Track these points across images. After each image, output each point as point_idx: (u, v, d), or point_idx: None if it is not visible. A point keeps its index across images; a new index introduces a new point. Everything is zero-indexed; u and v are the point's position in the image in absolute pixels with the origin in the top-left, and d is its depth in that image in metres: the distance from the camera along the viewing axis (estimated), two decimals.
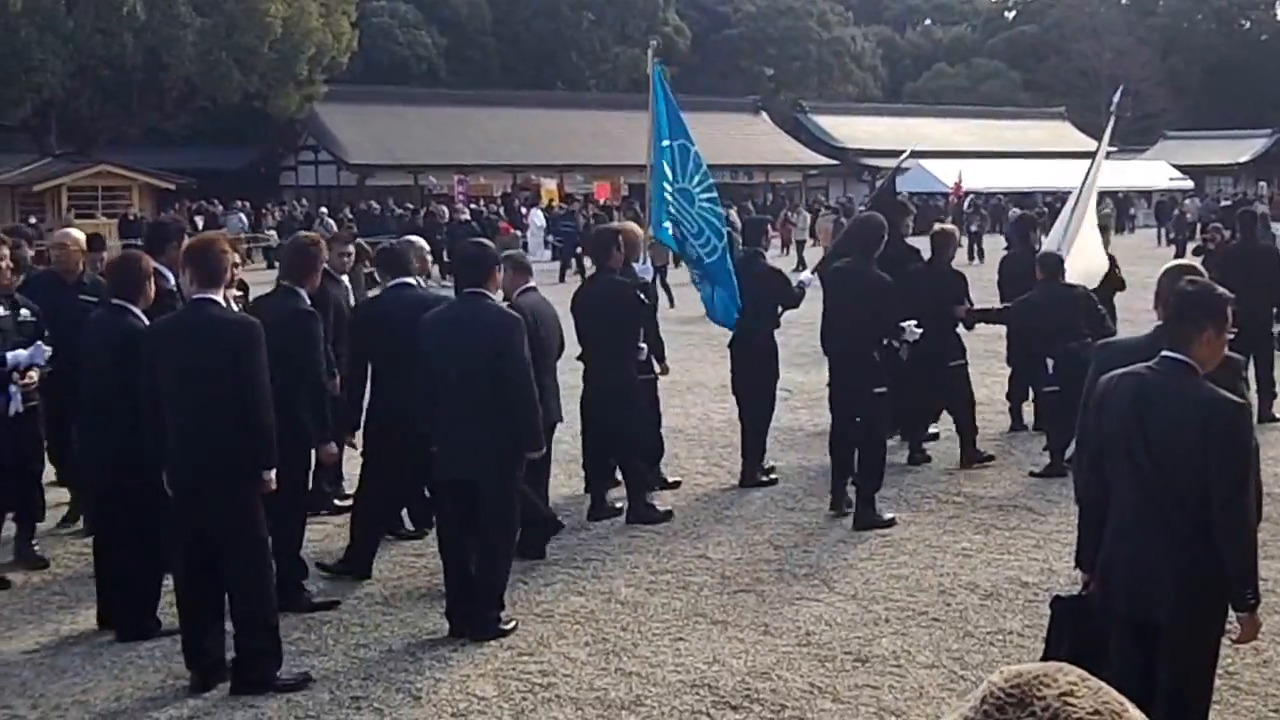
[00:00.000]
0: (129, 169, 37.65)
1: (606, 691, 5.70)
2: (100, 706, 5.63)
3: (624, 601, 6.90)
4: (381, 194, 41.64)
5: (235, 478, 5.73)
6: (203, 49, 37.94)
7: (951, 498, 9.00)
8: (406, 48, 53.11)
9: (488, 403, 6.33)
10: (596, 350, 8.57)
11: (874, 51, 73.82)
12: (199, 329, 5.74)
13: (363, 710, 5.56)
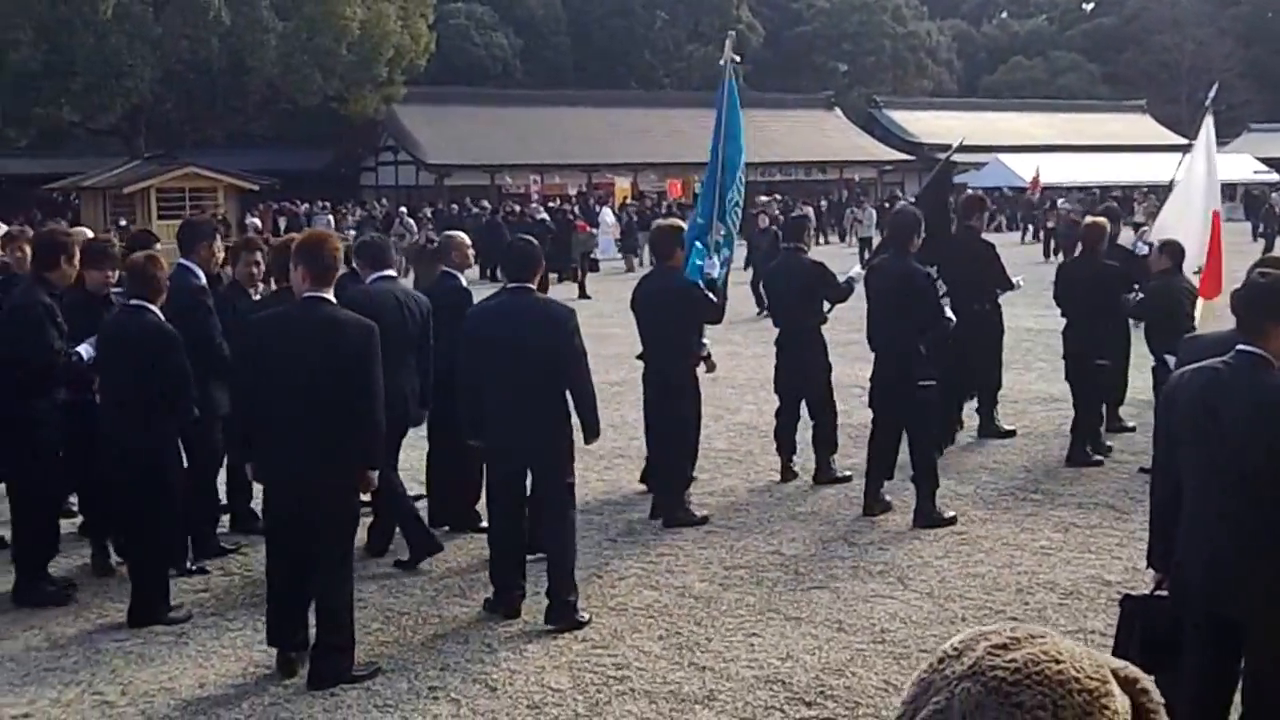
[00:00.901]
0: (214, 171, 38.30)
1: (680, 685, 5.72)
2: (185, 693, 5.75)
3: (698, 596, 6.92)
4: (459, 194, 42.02)
5: (340, 473, 5.85)
6: (284, 52, 38.54)
7: (1029, 495, 8.92)
8: (483, 48, 53.53)
9: (541, 388, 6.52)
10: (658, 346, 8.55)
11: (949, 45, 73.08)
12: (314, 326, 5.82)
13: (439, 700, 5.63)
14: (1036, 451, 10.28)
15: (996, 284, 10.76)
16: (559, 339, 6.56)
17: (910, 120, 57.93)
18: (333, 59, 39.14)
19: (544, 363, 6.52)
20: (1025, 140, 54.59)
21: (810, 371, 9.39)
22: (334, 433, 5.72)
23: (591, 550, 7.82)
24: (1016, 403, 12.04)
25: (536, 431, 6.56)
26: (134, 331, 6.68)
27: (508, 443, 6.61)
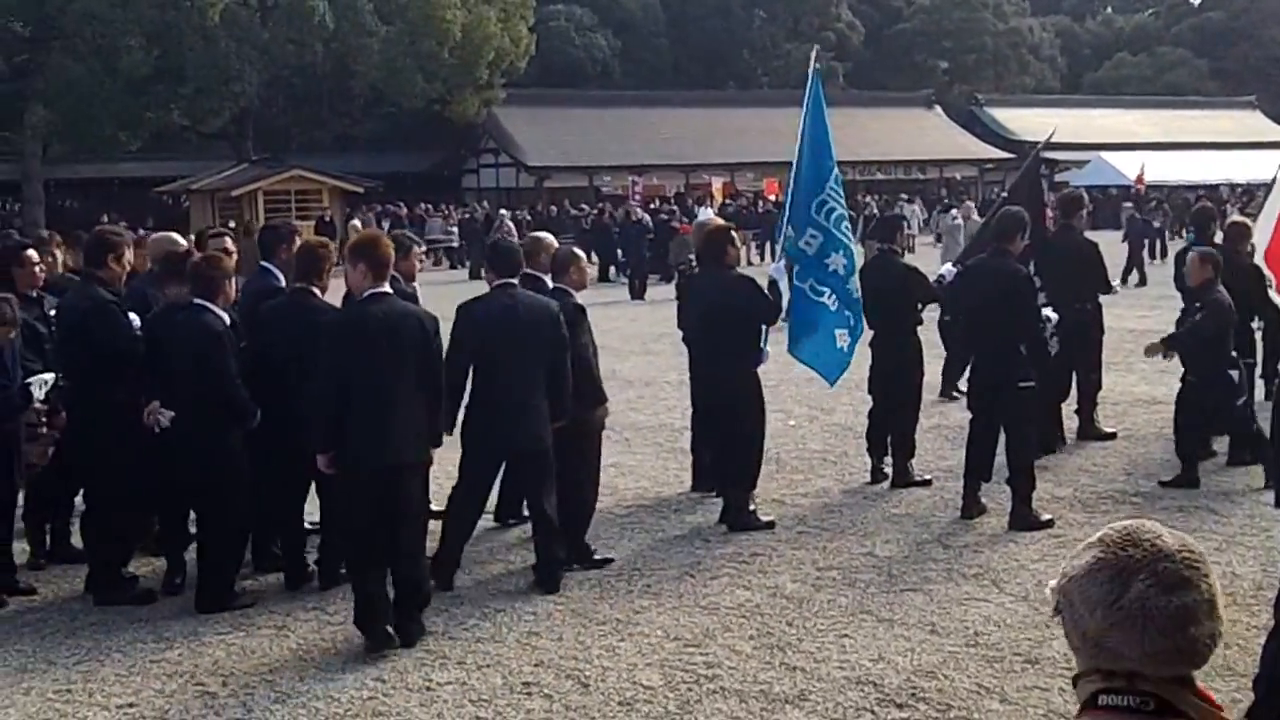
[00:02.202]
0: (319, 173, 39.09)
1: (771, 685, 5.73)
2: (285, 686, 5.88)
3: (789, 597, 6.92)
4: (558, 195, 42.32)
5: (421, 456, 6.43)
6: (388, 56, 39.15)
7: (1129, 498, 8.77)
8: (582, 50, 53.84)
9: (540, 379, 7.10)
10: (717, 347, 8.41)
11: (1052, 42, 71.86)
12: (393, 318, 6.30)
13: (533, 695, 5.70)
14: (1137, 454, 10.11)
15: (1096, 287, 10.59)
16: (553, 331, 7.12)
17: (1011, 118, 57.06)
18: (435, 62, 39.66)
19: (538, 353, 7.08)
20: (1129, 138, 53.52)
21: (902, 374, 9.32)
22: (419, 417, 6.35)
23: (684, 549, 7.87)
24: (1117, 405, 11.83)
25: (537, 418, 7.10)
26: (183, 331, 6.93)
27: (507, 430, 7.13)
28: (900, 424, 9.37)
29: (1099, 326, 10.71)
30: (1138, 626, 1.90)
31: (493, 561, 7.67)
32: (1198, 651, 1.90)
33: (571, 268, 7.82)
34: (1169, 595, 1.91)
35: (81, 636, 6.62)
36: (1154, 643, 1.90)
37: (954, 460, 9.53)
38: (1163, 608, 1.89)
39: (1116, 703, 1.94)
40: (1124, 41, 74.46)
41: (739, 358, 8.35)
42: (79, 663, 6.26)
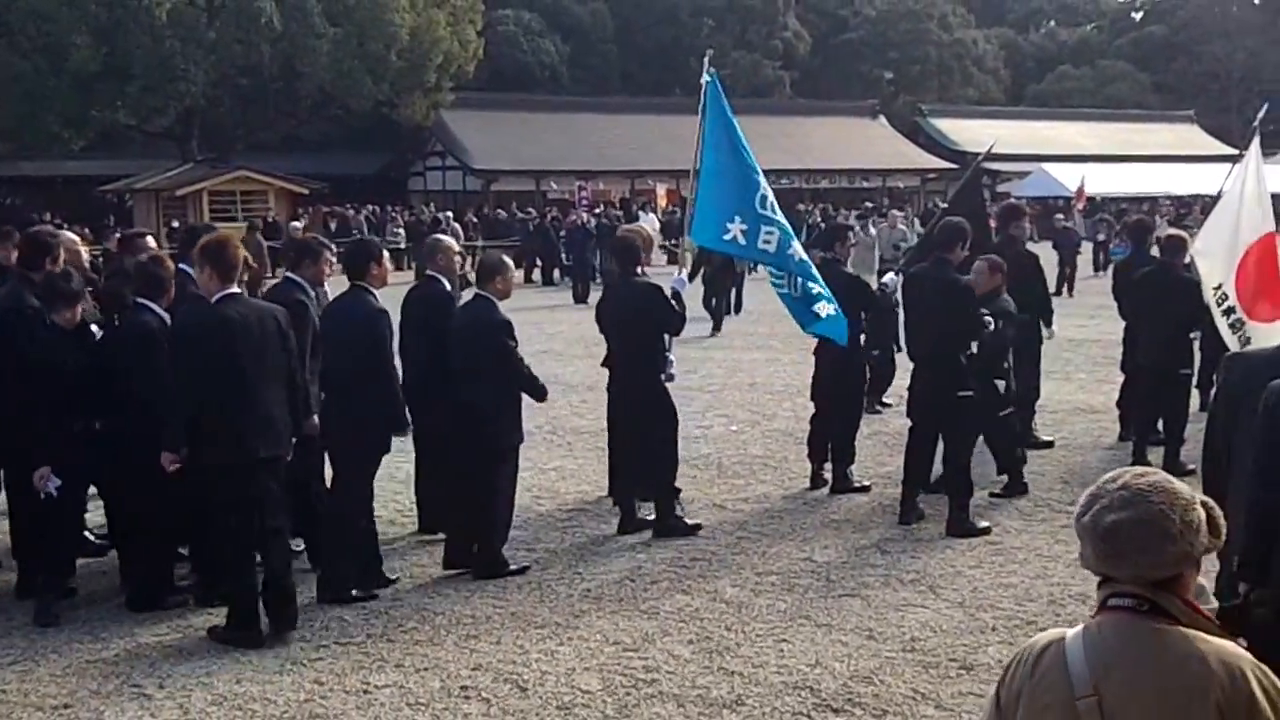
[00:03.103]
0: (266, 174, 38.93)
1: (709, 690, 5.76)
2: (222, 688, 5.85)
3: (729, 601, 6.97)
4: (505, 199, 42.31)
5: (284, 450, 6.68)
6: (335, 58, 39.02)
7: (1065, 507, 8.88)
8: (531, 55, 53.84)
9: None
10: (620, 355, 8.44)
11: (996, 54, 72.64)
12: (248, 318, 6.43)
13: (470, 699, 5.70)
14: (1074, 463, 10.26)
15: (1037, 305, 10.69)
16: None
17: (955, 129, 57.61)
18: (383, 65, 39.60)
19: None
20: (1071, 150, 54.15)
21: (843, 380, 9.40)
22: (281, 411, 6.59)
23: (624, 554, 7.90)
24: (1055, 413, 11.99)
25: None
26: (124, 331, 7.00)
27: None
28: (840, 430, 9.45)
29: (1038, 335, 10.84)
30: (1086, 539, 2.47)
31: (432, 565, 7.65)
32: (1147, 563, 2.41)
33: (497, 277, 7.69)
34: (1109, 514, 2.42)
35: (16, 636, 6.56)
36: (1096, 551, 2.44)
37: (893, 467, 9.63)
38: (1099, 523, 2.43)
39: (1119, 604, 2.45)
40: (1066, 54, 75.40)
41: (645, 366, 8.31)
42: (14, 663, 6.20)
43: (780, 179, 50.89)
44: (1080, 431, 11.45)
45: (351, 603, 6.93)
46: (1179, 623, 2.43)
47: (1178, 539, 2.41)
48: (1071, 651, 2.46)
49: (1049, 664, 2.48)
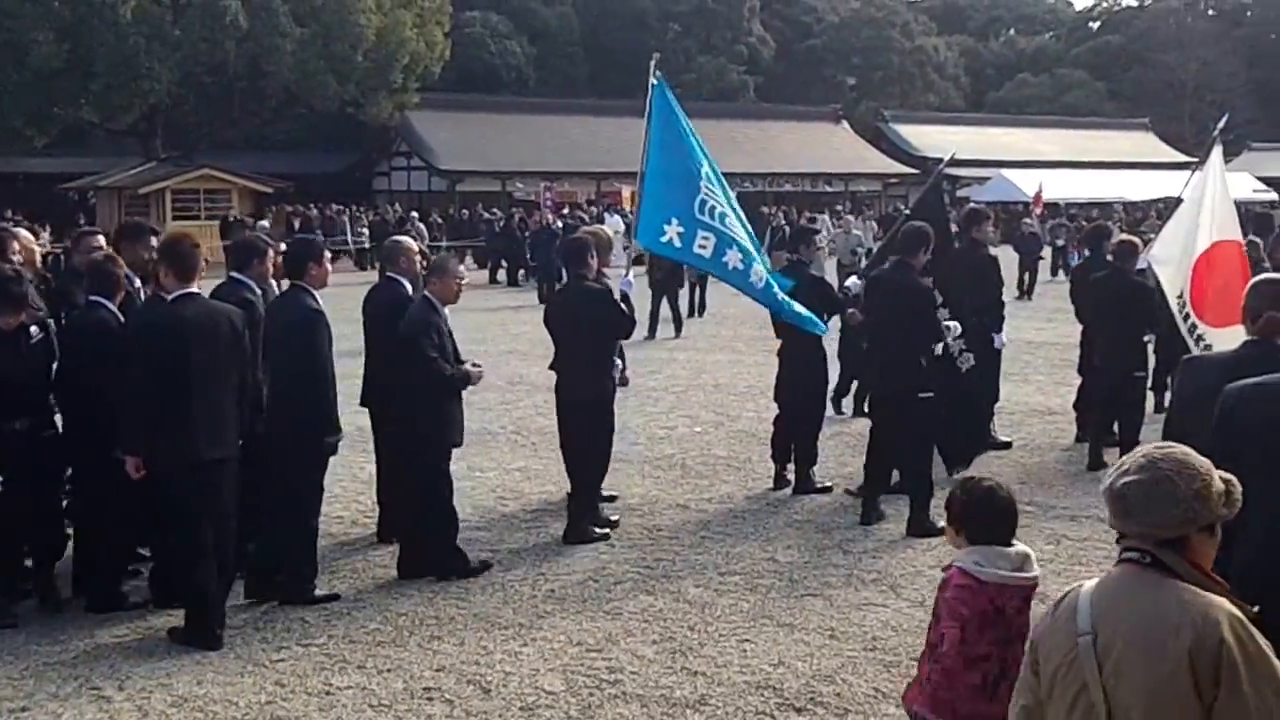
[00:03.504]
0: (229, 173, 38.76)
1: (672, 690, 5.78)
2: (182, 690, 5.82)
3: (692, 601, 6.98)
4: (471, 200, 42.27)
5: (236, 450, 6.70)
6: (301, 57, 38.93)
7: (1023, 507, 8.88)
8: (498, 57, 53.88)
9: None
10: (567, 359, 8.39)
11: (956, 61, 73.29)
12: (201, 318, 6.42)
13: (434, 701, 5.69)
14: (1032, 464, 10.37)
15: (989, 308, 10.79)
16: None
17: (916, 134, 57.99)
18: (348, 65, 39.55)
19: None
20: (1030, 156, 54.66)
21: (806, 382, 9.45)
22: (234, 411, 6.57)
23: (588, 554, 7.90)
24: (1014, 414, 12.11)
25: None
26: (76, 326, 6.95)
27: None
28: (803, 431, 9.50)
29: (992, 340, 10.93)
30: (1104, 499, 2.84)
31: (394, 566, 7.62)
32: (1150, 522, 2.76)
33: (434, 279, 7.56)
34: (1123, 478, 2.78)
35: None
36: (1111, 509, 2.81)
37: (855, 468, 9.68)
38: (1113, 486, 2.80)
39: (1127, 557, 2.82)
40: (1025, 62, 76.14)
41: (592, 370, 8.24)
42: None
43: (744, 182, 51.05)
44: (1038, 433, 11.56)
45: (314, 604, 6.90)
46: (1181, 579, 2.75)
47: (1181, 503, 2.73)
48: (1082, 597, 2.85)
49: (1064, 608, 2.88)
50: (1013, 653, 3.95)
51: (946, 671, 4.00)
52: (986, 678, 3.96)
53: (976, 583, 4.01)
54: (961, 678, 3.99)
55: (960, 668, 3.99)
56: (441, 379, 7.37)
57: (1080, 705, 2.79)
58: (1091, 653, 2.77)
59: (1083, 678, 2.78)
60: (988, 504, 4.20)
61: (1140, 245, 10.42)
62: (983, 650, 3.95)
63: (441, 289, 7.53)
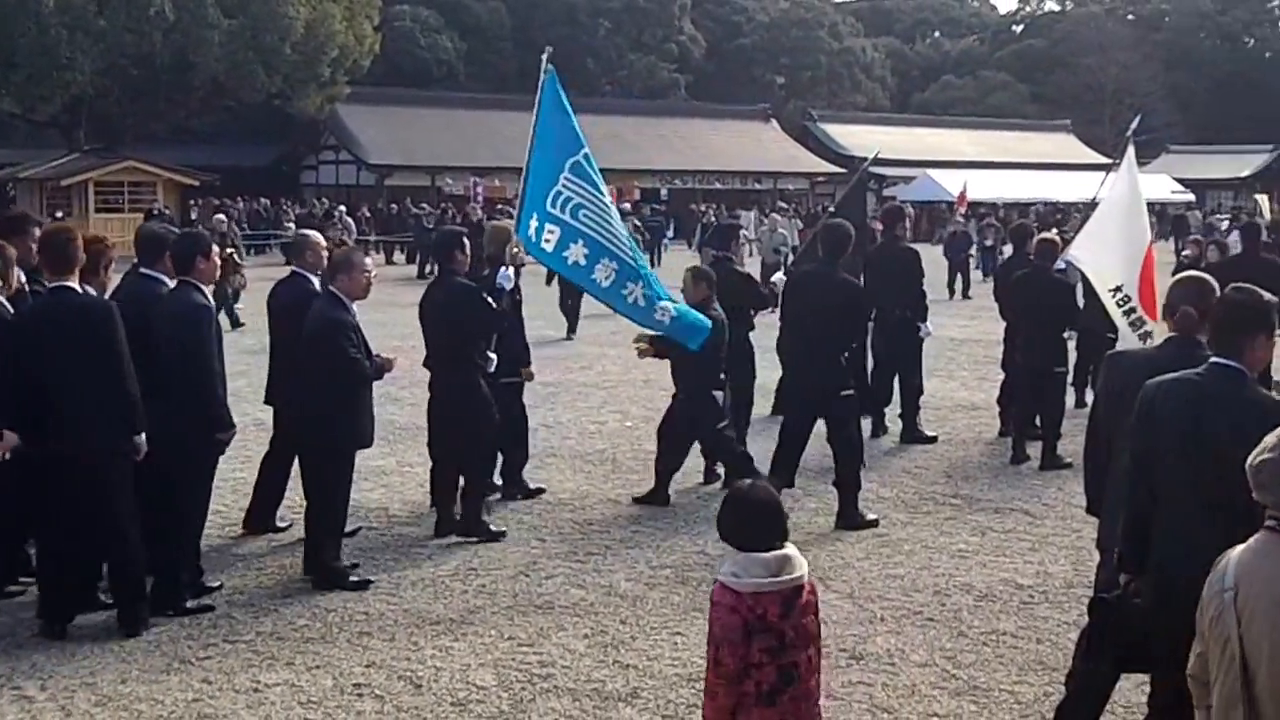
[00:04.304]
0: (155, 165, 38.18)
1: (604, 683, 5.80)
2: (107, 689, 5.74)
3: (623, 595, 7.01)
4: (399, 194, 41.98)
5: (101, 444, 6.39)
6: (229, 49, 38.50)
7: (949, 500, 9.11)
8: (427, 51, 53.58)
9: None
10: (438, 356, 8.22)
11: (883, 62, 74.12)
12: (60, 311, 6.28)
13: (364, 697, 5.65)
14: (957, 457, 10.52)
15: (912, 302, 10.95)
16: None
17: (844, 134, 58.59)
18: (277, 57, 39.15)
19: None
20: (954, 156, 55.48)
21: (734, 376, 9.49)
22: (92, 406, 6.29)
23: (519, 549, 7.90)
24: (939, 409, 12.28)
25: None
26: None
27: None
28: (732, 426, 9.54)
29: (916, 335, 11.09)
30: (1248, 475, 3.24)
31: None
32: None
33: (340, 274, 7.29)
34: (1261, 454, 3.24)
35: None
36: (1253, 483, 3.26)
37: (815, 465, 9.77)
38: (1253, 462, 3.26)
39: (1268, 524, 3.25)
40: (950, 64, 77.23)
41: (460, 367, 8.08)
42: None
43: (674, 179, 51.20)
44: (962, 427, 11.74)
45: (186, 614, 6.67)
46: None
47: None
48: (1231, 559, 3.29)
49: (1217, 570, 3.33)
50: (791, 658, 3.83)
51: (710, 693, 3.87)
52: (760, 686, 3.80)
53: (734, 595, 3.83)
54: (728, 694, 3.83)
55: (721, 687, 3.83)
56: (360, 374, 7.16)
57: (1227, 651, 3.24)
58: (1232, 607, 3.23)
59: (1228, 628, 3.23)
60: (740, 506, 4.02)
61: (1060, 244, 10.61)
62: (754, 659, 3.79)
63: (349, 285, 7.26)
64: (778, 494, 4.03)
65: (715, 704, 3.86)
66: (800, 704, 3.87)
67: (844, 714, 5.47)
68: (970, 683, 5.83)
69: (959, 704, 5.60)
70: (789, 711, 3.84)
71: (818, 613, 3.97)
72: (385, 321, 9.25)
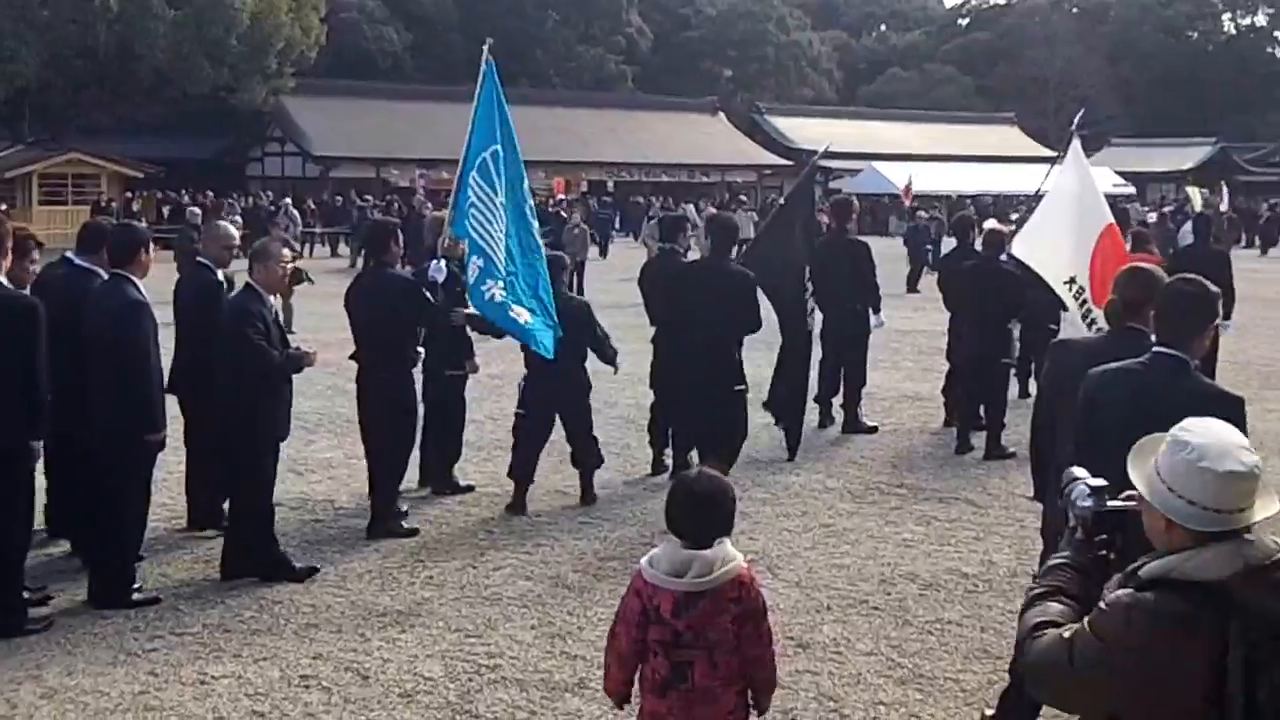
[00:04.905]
0: (99, 157, 37.81)
1: (551, 674, 5.81)
2: (52, 680, 5.70)
3: (570, 586, 7.03)
4: (345, 186, 41.75)
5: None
6: (174, 41, 38.25)
7: (894, 489, 9.20)
8: (373, 42, 53.30)
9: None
10: (368, 349, 8.13)
11: (830, 55, 74.49)
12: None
13: (311, 689, 5.64)
14: (902, 448, 10.63)
15: (866, 295, 11.04)
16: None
17: (791, 126, 58.80)
18: (222, 49, 38.95)
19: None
20: (900, 149, 55.76)
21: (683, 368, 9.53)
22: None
23: (466, 540, 7.90)
24: (884, 400, 12.40)
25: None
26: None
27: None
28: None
29: (867, 325, 11.19)
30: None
31: None
32: None
33: (258, 265, 7.17)
34: None
35: None
36: None
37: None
38: None
39: None
40: (897, 57, 77.70)
41: (392, 362, 8.03)
42: None
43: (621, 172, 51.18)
44: (907, 418, 11.85)
45: (132, 606, 6.62)
46: None
47: None
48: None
49: None
50: (685, 656, 3.75)
51: (609, 667, 3.90)
52: (655, 674, 3.79)
53: (641, 580, 3.80)
54: (621, 668, 3.86)
55: (614, 662, 3.86)
56: (271, 367, 7.05)
57: None
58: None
59: None
60: (675, 492, 3.97)
61: (1005, 234, 10.71)
62: (650, 646, 3.77)
63: (266, 276, 7.17)
64: (723, 487, 3.90)
65: (610, 678, 3.91)
66: (694, 706, 3.77)
67: (790, 702, 5.49)
68: (915, 671, 5.90)
69: (904, 692, 5.67)
70: (677, 707, 3.77)
71: (743, 622, 3.79)
72: (335, 314, 9.17)
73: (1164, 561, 2.59)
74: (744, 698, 3.89)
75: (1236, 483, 2.56)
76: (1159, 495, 2.63)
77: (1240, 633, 2.48)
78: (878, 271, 11.45)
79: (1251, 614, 2.48)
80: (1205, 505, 2.56)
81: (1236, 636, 2.47)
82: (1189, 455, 2.61)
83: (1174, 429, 2.74)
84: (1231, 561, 2.51)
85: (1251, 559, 2.51)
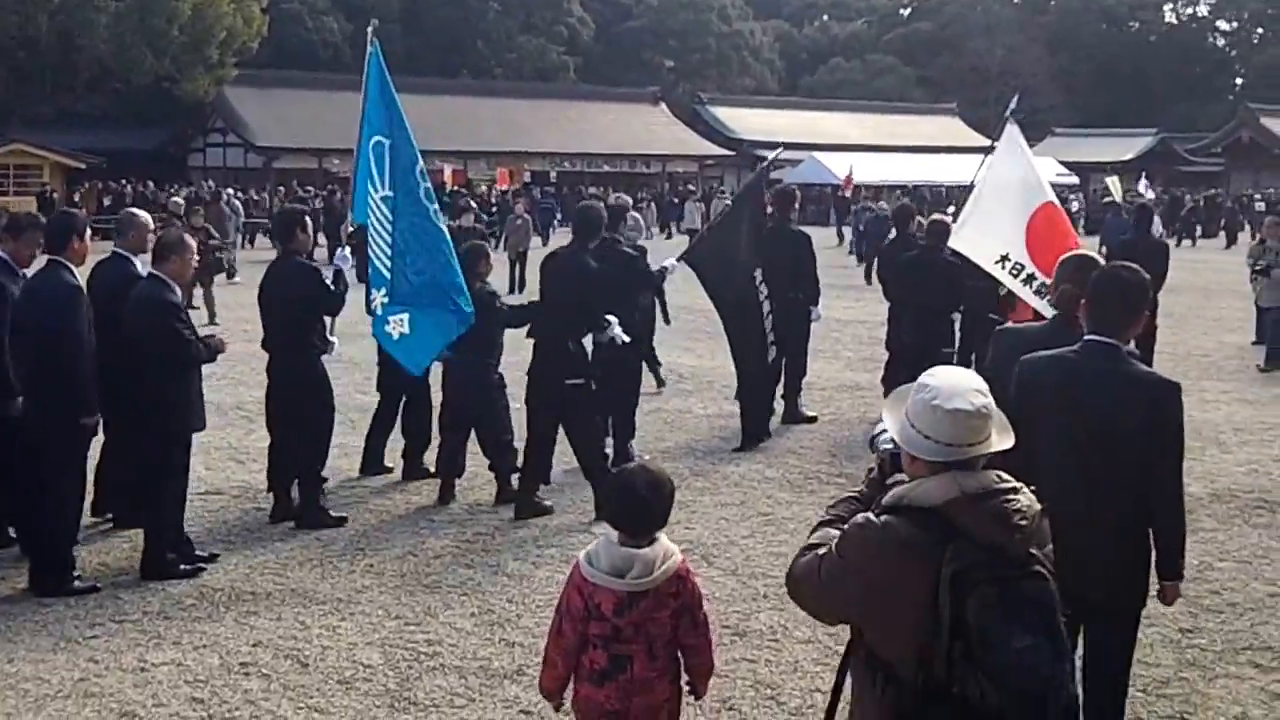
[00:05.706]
0: (41, 148, 37.42)
1: (490, 661, 5.87)
2: None
3: (510, 574, 7.10)
4: (287, 177, 41.51)
5: None
6: (116, 31, 38.05)
7: (833, 479, 9.31)
8: (314, 33, 53.02)
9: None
10: (276, 337, 8.10)
11: (771, 45, 74.73)
12: None
13: (250, 675, 5.68)
14: (841, 437, 10.74)
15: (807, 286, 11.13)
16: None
17: (733, 117, 58.97)
18: (164, 39, 38.75)
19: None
20: (841, 139, 56.08)
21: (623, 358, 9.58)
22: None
23: (407, 529, 7.95)
24: (824, 390, 12.54)
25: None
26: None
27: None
28: (622, 407, 9.66)
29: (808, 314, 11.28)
30: None
31: (211, 543, 7.54)
32: None
33: (173, 256, 7.09)
34: None
35: None
36: None
37: (672, 442, 9.96)
38: None
39: None
40: (838, 48, 78.09)
41: (298, 348, 7.99)
42: None
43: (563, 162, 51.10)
44: (846, 408, 11.99)
45: (74, 594, 6.63)
46: None
47: None
48: None
49: None
50: (625, 650, 3.77)
51: (549, 662, 3.91)
52: (593, 665, 3.80)
53: (581, 577, 3.78)
54: (566, 664, 3.86)
55: (560, 658, 3.86)
56: (194, 356, 7.04)
57: None
58: None
59: None
60: (613, 484, 3.99)
61: (950, 224, 10.81)
62: (591, 639, 3.79)
63: (179, 268, 7.11)
64: (661, 481, 3.86)
65: (554, 674, 3.89)
66: (633, 696, 3.78)
67: (728, 690, 5.53)
68: None
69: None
70: (614, 696, 3.79)
71: (681, 614, 3.81)
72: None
73: (899, 490, 2.89)
74: (679, 685, 3.93)
75: (965, 419, 2.83)
76: (905, 432, 2.92)
77: (954, 553, 2.72)
78: (818, 263, 11.58)
79: (964, 538, 2.73)
80: (938, 439, 2.84)
81: (950, 556, 2.72)
82: (927, 395, 2.89)
83: (922, 375, 3.01)
84: (949, 489, 2.78)
85: (968, 488, 2.78)
